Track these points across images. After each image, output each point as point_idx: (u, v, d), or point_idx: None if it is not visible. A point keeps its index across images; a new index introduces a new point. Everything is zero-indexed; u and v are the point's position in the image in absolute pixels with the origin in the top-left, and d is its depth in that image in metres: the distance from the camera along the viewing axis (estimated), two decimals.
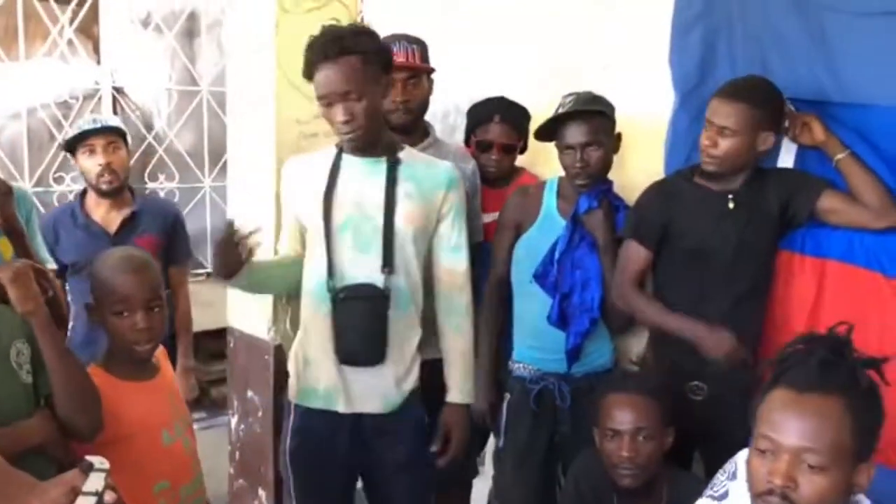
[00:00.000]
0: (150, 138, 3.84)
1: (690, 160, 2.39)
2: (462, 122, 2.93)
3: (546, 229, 2.52)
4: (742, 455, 1.63)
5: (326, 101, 2.10)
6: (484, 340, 2.62)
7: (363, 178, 2.20)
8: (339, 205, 2.19)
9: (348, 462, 2.28)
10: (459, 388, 2.33)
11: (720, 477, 1.66)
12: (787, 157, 2.34)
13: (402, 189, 2.20)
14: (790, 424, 1.38)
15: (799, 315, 2.33)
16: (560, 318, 2.46)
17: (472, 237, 2.70)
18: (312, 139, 2.51)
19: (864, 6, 2.12)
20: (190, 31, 4.08)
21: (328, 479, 2.29)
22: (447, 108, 3.23)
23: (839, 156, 2.18)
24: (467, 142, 2.85)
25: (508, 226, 2.59)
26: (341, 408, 2.23)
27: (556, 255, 2.45)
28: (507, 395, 2.60)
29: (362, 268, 2.18)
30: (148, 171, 4.06)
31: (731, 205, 2.27)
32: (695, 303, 2.30)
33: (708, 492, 1.66)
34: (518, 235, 2.57)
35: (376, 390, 2.23)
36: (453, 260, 2.31)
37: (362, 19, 3.86)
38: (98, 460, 1.31)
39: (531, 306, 2.53)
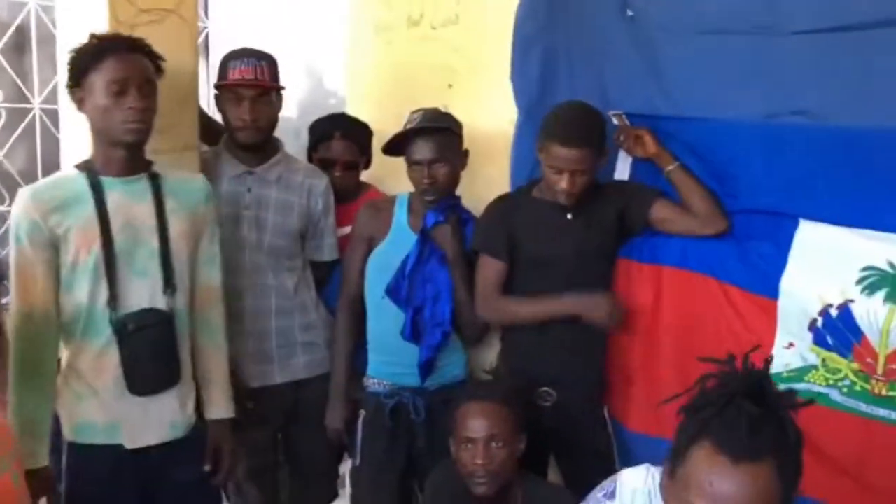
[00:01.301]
0: None
1: (534, 174, 2.46)
2: None
3: (397, 244, 2.52)
4: (623, 474, 1.66)
5: (118, 85, 2.02)
6: (338, 358, 2.62)
7: (129, 198, 2.11)
8: (114, 231, 2.08)
9: (135, 497, 2.18)
10: (223, 404, 2.31)
11: (597, 493, 1.66)
12: (623, 169, 2.45)
13: (169, 205, 2.15)
14: (725, 495, 1.32)
15: (640, 321, 2.43)
16: (413, 333, 2.47)
17: (330, 255, 2.71)
18: (153, 156, 2.41)
19: (692, 25, 2.23)
20: (19, 46, 3.87)
21: None
22: (298, 127, 3.20)
23: (669, 167, 2.31)
24: (309, 159, 2.84)
25: (360, 241, 2.58)
26: (127, 443, 2.13)
27: (407, 269, 2.46)
28: (362, 413, 2.59)
29: (143, 293, 2.11)
30: None
31: (569, 216, 2.35)
32: None
33: None
34: (370, 250, 2.56)
35: (163, 418, 2.17)
36: (210, 275, 2.29)
37: (206, 35, 3.77)
38: None
39: (384, 321, 2.52)
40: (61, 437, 2.15)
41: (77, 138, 2.64)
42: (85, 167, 2.12)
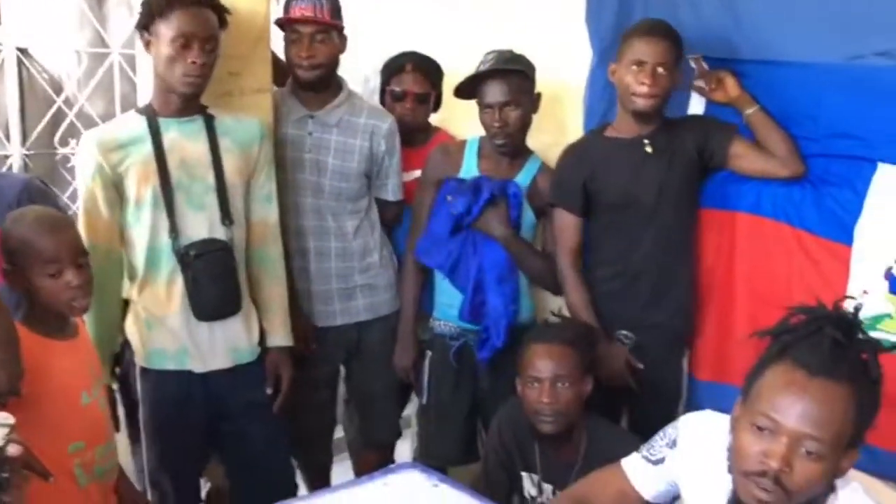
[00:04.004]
0: (59, 102, 3.71)
1: (608, 117, 2.44)
2: None
3: None
4: (686, 422, 1.60)
5: (184, 38, 2.12)
6: (406, 299, 2.66)
7: (185, 137, 2.23)
8: (171, 167, 2.21)
9: (204, 418, 2.32)
10: (281, 332, 2.41)
11: (658, 441, 1.62)
12: (696, 111, 2.41)
13: (223, 144, 2.26)
14: (796, 408, 1.29)
15: (712, 268, 2.41)
16: (472, 314, 2.49)
17: (394, 195, 2.72)
18: (227, 98, 2.46)
19: None
20: None
21: (186, 438, 2.32)
22: (367, 72, 3.21)
23: (749, 110, 2.26)
24: (382, 99, 2.85)
25: (430, 183, 2.59)
26: (196, 367, 2.26)
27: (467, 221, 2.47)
28: (429, 353, 2.63)
29: (201, 225, 2.23)
30: (58, 136, 3.92)
31: (648, 149, 2.31)
32: (623, 254, 2.36)
33: (643, 451, 1.63)
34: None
35: (227, 344, 2.29)
36: (266, 211, 2.39)
37: None
38: (2, 416, 1.28)
39: None
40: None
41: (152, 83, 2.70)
42: (144, 110, 2.25)
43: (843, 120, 2.12)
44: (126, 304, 2.31)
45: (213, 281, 2.22)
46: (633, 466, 1.64)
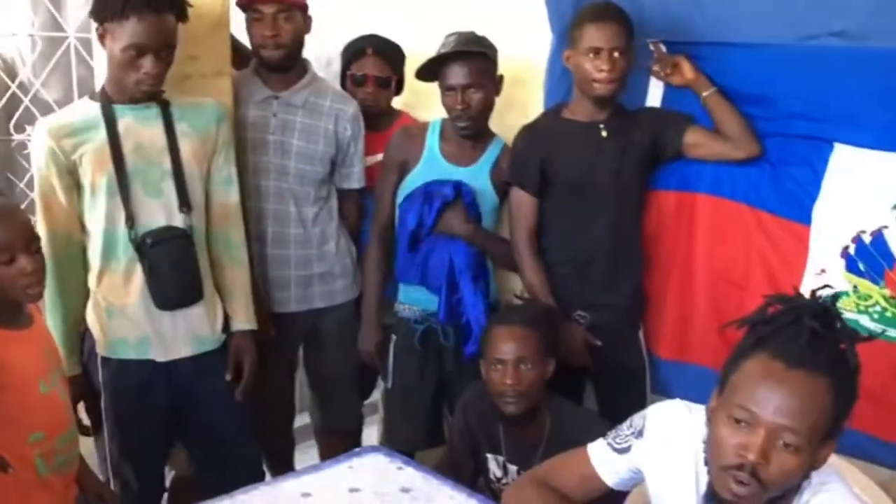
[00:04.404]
0: (13, 88, 3.64)
1: (568, 97, 2.44)
2: None
3: (429, 171, 2.52)
4: (654, 412, 1.58)
5: (136, 50, 2.06)
6: (370, 284, 2.66)
7: (140, 123, 2.19)
8: (125, 153, 2.17)
9: (167, 407, 2.30)
10: (243, 316, 2.38)
11: (625, 430, 1.60)
12: (655, 95, 2.44)
13: (180, 129, 2.23)
14: (773, 400, 1.27)
15: (673, 249, 2.44)
16: (448, 315, 2.50)
17: (356, 182, 2.71)
18: (186, 81, 2.42)
19: None
20: None
21: (149, 427, 2.30)
22: (330, 55, 3.18)
23: (706, 93, 2.29)
24: (343, 82, 2.83)
25: (392, 166, 2.59)
26: (157, 356, 2.24)
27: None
28: (394, 337, 2.63)
29: (159, 212, 2.20)
30: (13, 122, 3.85)
31: (604, 133, 2.33)
32: (577, 235, 2.38)
33: (609, 438, 1.62)
34: (402, 177, 2.57)
35: (190, 333, 2.27)
36: (227, 193, 2.35)
37: None
38: None
39: None
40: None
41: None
42: (98, 96, 2.20)
43: (799, 101, 2.15)
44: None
45: (173, 270, 2.19)
46: (598, 453, 1.63)
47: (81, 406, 2.29)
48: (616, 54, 2.22)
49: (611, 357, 2.40)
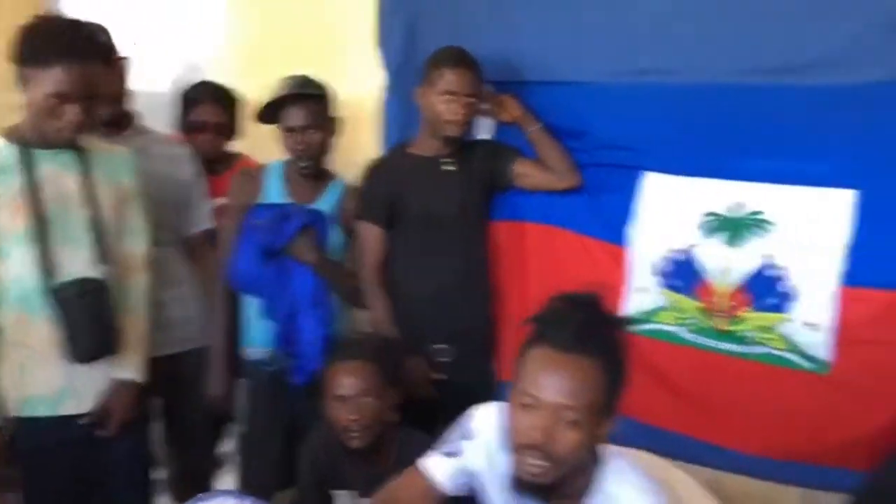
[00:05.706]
0: None
1: (406, 134, 2.55)
2: None
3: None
4: (479, 413, 1.69)
5: (59, 98, 1.98)
6: (217, 327, 2.63)
7: (59, 169, 2.12)
8: (45, 200, 2.08)
9: (80, 463, 2.20)
10: (128, 364, 2.26)
11: (452, 436, 1.70)
12: (484, 133, 2.58)
13: (96, 177, 2.17)
14: (552, 382, 1.42)
15: (510, 276, 2.56)
16: (287, 342, 2.50)
17: (203, 222, 2.70)
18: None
19: None
20: None
21: (63, 486, 2.19)
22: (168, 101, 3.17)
23: (531, 129, 2.45)
24: (181, 128, 2.84)
25: (236, 209, 2.58)
26: (72, 409, 2.15)
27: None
28: (243, 381, 2.62)
29: (76, 262, 2.12)
30: None
31: (449, 167, 2.46)
32: (427, 267, 2.47)
33: (439, 450, 1.71)
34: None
35: (101, 385, 2.19)
36: (133, 243, 2.29)
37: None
38: None
39: None
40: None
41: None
42: (15, 137, 2.09)
43: (612, 133, 2.33)
44: None
45: (91, 323, 2.11)
46: (433, 463, 1.70)
47: None
48: (470, 99, 2.37)
49: (466, 386, 2.45)
